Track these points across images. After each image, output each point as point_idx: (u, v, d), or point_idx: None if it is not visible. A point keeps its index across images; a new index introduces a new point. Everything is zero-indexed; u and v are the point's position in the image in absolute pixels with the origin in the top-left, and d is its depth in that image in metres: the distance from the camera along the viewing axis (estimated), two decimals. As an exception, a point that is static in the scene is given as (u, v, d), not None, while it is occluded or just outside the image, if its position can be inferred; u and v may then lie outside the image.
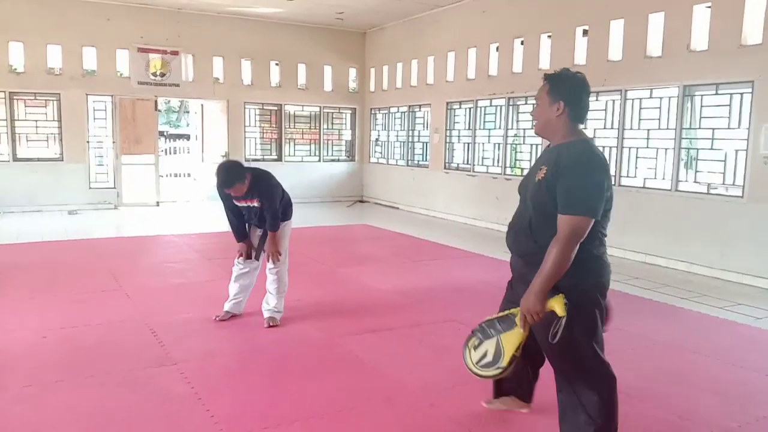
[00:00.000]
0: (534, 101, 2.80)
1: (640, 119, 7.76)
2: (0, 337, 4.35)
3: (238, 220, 4.68)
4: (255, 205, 4.52)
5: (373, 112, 13.99)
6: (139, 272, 6.56)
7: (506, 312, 2.64)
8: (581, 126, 2.71)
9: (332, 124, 14.11)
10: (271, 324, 4.67)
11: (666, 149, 7.39)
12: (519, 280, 2.78)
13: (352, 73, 14.09)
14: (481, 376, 2.71)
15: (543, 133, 2.76)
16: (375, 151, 14.05)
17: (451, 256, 7.85)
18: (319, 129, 13.86)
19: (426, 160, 12.17)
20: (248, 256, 4.73)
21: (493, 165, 10.27)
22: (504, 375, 2.65)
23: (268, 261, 4.64)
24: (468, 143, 10.86)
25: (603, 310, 2.64)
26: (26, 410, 3.24)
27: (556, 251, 2.44)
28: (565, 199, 2.49)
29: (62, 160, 11.31)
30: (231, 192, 4.40)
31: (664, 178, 7.45)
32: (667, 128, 7.38)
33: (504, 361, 2.57)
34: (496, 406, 3.28)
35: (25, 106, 11.07)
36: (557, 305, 2.43)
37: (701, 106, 7.10)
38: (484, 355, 2.64)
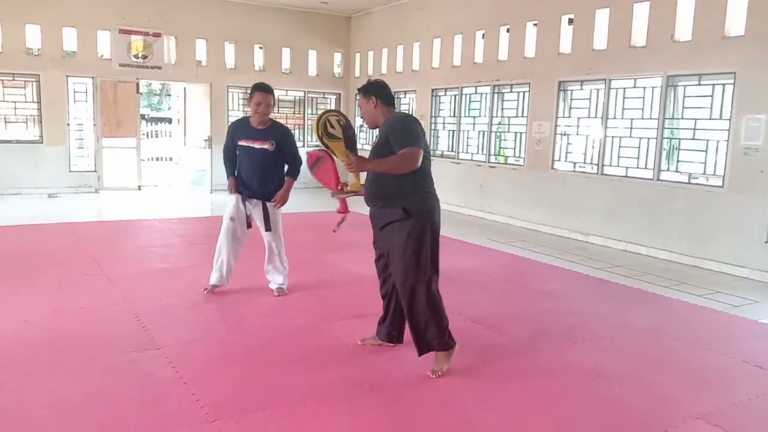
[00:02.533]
0: (517, 88, 3.30)
1: (623, 108, 7.82)
2: (-20, 321, 4.29)
3: (232, 162, 4.86)
4: (266, 147, 4.66)
5: (357, 97, 13.89)
6: (122, 257, 6.50)
7: (333, 144, 3.72)
8: (393, 108, 3.79)
9: (317, 109, 14.00)
10: (278, 294, 5.04)
11: (649, 139, 7.46)
12: (375, 223, 3.69)
13: (337, 58, 13.99)
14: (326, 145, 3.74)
15: (372, 124, 3.80)
16: (360, 138, 14.00)
17: (435, 242, 7.86)
18: (304, 114, 13.75)
19: (410, 147, 12.13)
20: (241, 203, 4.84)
21: (478, 152, 10.29)
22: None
23: (276, 208, 4.83)
24: (453, 130, 10.87)
25: (436, 230, 3.55)
26: (8, 396, 3.21)
27: (394, 158, 3.39)
28: (397, 142, 3.42)
29: (42, 143, 11.12)
30: (258, 106, 4.61)
31: (646, 168, 7.53)
32: (650, 118, 7.45)
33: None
34: (370, 342, 4.01)
35: (3, 87, 10.84)
36: (355, 181, 3.71)
37: (684, 97, 7.18)
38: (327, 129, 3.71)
